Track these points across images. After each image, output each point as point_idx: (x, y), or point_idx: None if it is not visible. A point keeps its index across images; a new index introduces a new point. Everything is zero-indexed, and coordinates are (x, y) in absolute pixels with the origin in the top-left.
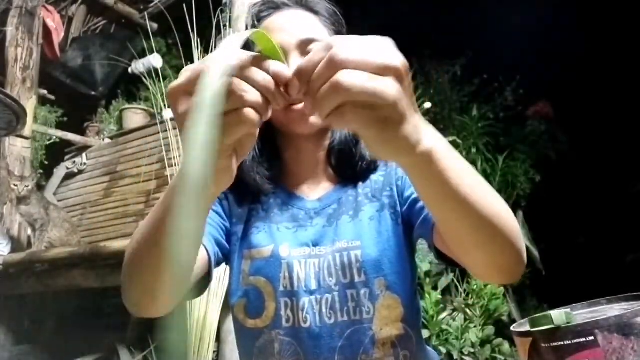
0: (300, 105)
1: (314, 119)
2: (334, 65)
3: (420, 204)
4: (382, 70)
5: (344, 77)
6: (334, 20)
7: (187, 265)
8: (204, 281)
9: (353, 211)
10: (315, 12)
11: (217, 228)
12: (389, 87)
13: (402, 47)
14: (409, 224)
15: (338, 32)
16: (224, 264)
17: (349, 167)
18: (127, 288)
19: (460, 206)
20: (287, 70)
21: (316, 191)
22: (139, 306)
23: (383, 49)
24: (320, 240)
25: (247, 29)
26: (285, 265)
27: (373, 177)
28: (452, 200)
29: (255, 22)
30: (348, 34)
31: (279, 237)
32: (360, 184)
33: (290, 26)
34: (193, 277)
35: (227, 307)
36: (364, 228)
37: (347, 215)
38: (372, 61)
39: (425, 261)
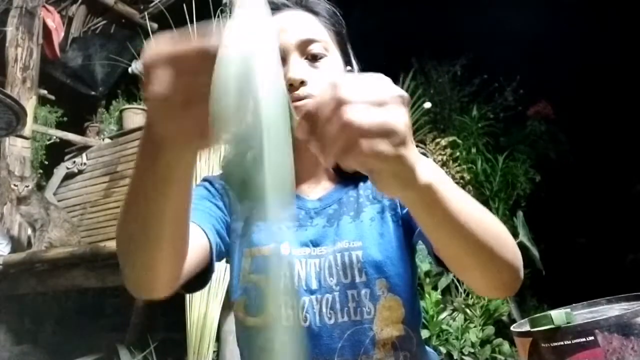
0: (299, 104)
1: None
2: (340, 105)
3: None
4: (387, 101)
5: (352, 115)
6: (334, 21)
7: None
8: (206, 273)
9: (354, 212)
10: (315, 13)
11: (219, 220)
12: (396, 114)
13: (403, 47)
14: (409, 226)
15: (338, 33)
16: (224, 262)
17: None
18: (125, 268)
19: (459, 233)
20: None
21: (316, 191)
22: (140, 286)
23: (382, 83)
24: (320, 241)
25: None
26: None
27: None
28: (451, 228)
29: None
30: (349, 34)
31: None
32: (361, 184)
33: (290, 26)
34: (195, 265)
35: (227, 307)
36: (365, 229)
37: (347, 216)
38: (376, 94)
39: (425, 261)
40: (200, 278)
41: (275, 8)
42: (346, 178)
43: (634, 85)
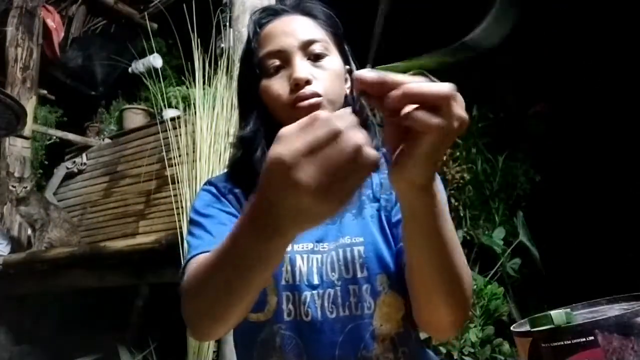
0: (306, 102)
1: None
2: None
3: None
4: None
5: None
6: (331, 23)
7: None
8: None
9: (356, 209)
10: (313, 16)
11: (228, 223)
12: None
13: (402, 47)
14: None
15: (335, 34)
16: None
17: None
18: (203, 321)
19: (439, 251)
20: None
21: None
22: (210, 334)
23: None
24: (323, 238)
25: (249, 35)
26: (287, 260)
27: (374, 180)
28: (434, 243)
29: (257, 29)
30: (347, 34)
31: None
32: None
33: (292, 30)
34: None
35: None
36: (367, 225)
37: (350, 214)
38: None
39: None
40: None
41: (274, 14)
42: None
43: (634, 86)
